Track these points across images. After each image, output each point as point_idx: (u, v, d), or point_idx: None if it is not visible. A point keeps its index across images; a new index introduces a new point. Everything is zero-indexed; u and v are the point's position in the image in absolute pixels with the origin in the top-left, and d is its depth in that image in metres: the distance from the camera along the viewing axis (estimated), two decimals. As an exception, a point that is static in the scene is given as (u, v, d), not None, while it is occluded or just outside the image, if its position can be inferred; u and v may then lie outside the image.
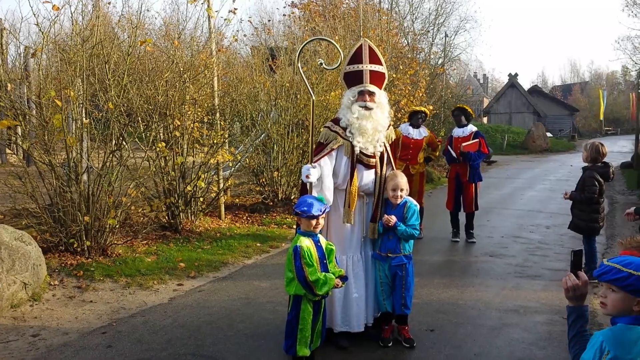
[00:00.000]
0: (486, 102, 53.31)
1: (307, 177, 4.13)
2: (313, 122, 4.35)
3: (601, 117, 42.48)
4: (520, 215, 10.87)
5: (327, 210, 3.76)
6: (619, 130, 58.75)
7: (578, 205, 6.30)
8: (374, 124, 4.37)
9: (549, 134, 38.11)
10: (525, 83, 58.43)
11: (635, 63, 29.84)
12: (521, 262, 7.18)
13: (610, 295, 2.19)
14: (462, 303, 5.54)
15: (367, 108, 4.35)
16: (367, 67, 4.39)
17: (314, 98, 4.34)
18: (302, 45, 4.64)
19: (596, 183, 6.09)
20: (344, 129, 4.41)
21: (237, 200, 10.66)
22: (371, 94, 4.39)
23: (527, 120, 43.99)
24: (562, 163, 24.48)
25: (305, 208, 3.62)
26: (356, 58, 4.42)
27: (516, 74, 46.93)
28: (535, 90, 53.74)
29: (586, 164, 6.32)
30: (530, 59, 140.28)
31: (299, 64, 4.51)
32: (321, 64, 4.50)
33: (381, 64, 4.49)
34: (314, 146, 4.53)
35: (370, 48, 4.45)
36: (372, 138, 4.38)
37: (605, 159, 6.40)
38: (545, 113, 46.75)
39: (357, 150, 4.35)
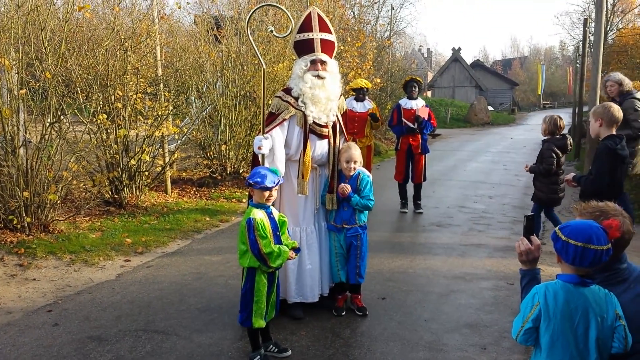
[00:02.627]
0: (430, 76, 54.06)
1: (259, 148, 4.07)
2: (264, 92, 4.27)
3: (539, 92, 43.85)
4: (465, 186, 11.18)
5: (280, 182, 3.72)
6: (556, 104, 61.01)
7: (539, 177, 6.46)
8: (327, 93, 4.35)
9: (490, 108, 39.15)
10: (468, 58, 59.54)
11: (573, 38, 30.93)
12: (466, 231, 7.40)
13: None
14: (412, 271, 5.67)
15: (319, 77, 4.31)
16: (317, 35, 4.33)
17: (264, 67, 4.25)
18: (251, 12, 4.51)
19: (553, 155, 6.24)
20: (296, 98, 4.35)
21: (184, 174, 10.43)
22: (323, 62, 4.35)
23: (469, 94, 44.96)
24: (502, 136, 25.26)
25: (258, 179, 3.56)
26: (306, 26, 4.35)
27: (459, 48, 47.73)
28: (477, 65, 54.89)
29: (545, 137, 6.45)
30: (472, 34, 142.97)
31: (249, 32, 4.39)
32: (271, 31, 4.40)
33: (331, 33, 4.45)
34: (265, 117, 4.46)
35: (319, 16, 4.38)
36: (325, 107, 4.36)
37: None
38: (487, 87, 47.92)
39: (310, 120, 4.32)
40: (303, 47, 4.38)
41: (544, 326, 2.22)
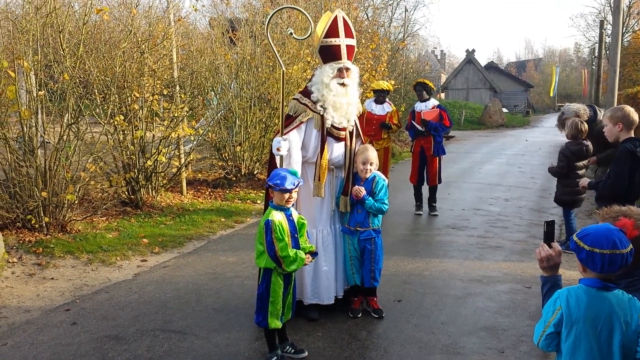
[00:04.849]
0: (444, 78, 53.80)
1: (278, 150, 4.07)
2: (283, 94, 4.27)
3: (551, 94, 43.39)
4: (480, 188, 11.11)
5: (300, 184, 3.72)
6: (571, 106, 60.27)
7: (559, 179, 6.52)
8: (349, 99, 4.37)
9: (504, 110, 38.89)
10: (482, 59, 59.11)
11: (589, 40, 30.65)
12: (482, 234, 7.35)
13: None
14: (428, 274, 5.64)
15: (344, 85, 4.33)
16: (343, 41, 4.30)
17: (284, 69, 4.24)
18: (271, 14, 4.52)
19: (564, 159, 6.28)
20: (314, 102, 4.35)
21: (199, 175, 10.49)
22: (348, 69, 4.35)
23: (483, 96, 44.67)
24: (517, 138, 25.07)
25: (278, 181, 3.56)
26: (332, 32, 4.28)
27: (473, 50, 47.46)
28: (491, 67, 54.55)
29: (568, 140, 6.47)
30: (486, 36, 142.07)
31: (268, 34, 4.40)
32: (291, 33, 4.40)
33: (353, 37, 4.44)
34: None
35: (344, 20, 4.33)
36: (346, 112, 4.38)
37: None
38: (501, 89, 47.58)
39: (328, 123, 4.32)
40: (328, 53, 4.34)
41: (565, 331, 2.19)
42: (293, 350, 3.81)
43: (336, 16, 4.30)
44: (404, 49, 22.36)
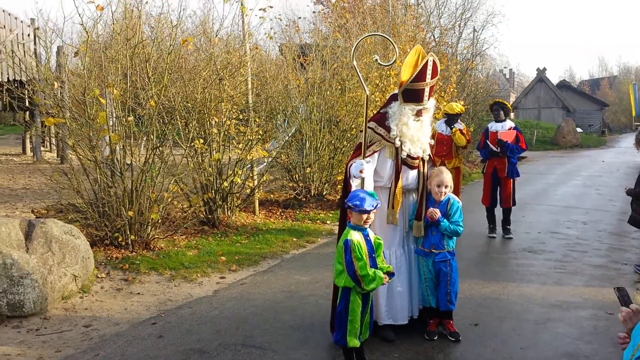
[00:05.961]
0: (513, 97, 52.49)
1: (361, 172, 4.16)
2: (366, 117, 4.37)
3: (634, 113, 41.52)
4: (556, 211, 10.76)
5: (379, 206, 3.80)
6: (651, 125, 57.33)
7: (636, 200, 6.30)
8: (424, 131, 4.46)
9: (579, 130, 37.47)
10: (553, 78, 57.35)
11: (669, 56, 29.13)
12: (561, 258, 7.12)
13: None
14: (505, 298, 5.55)
15: (420, 120, 4.42)
16: (428, 83, 4.31)
17: (368, 93, 4.34)
18: (357, 42, 4.69)
19: None
20: (388, 130, 4.42)
21: (270, 196, 10.77)
22: (426, 108, 4.44)
23: (556, 115, 43.24)
24: (593, 159, 24.06)
25: (357, 202, 3.67)
26: (421, 76, 4.26)
27: (544, 69, 46.17)
28: (563, 85, 52.72)
29: None
30: (556, 54, 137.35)
31: (354, 62, 4.54)
32: (376, 59, 4.52)
33: (437, 74, 4.42)
34: (356, 146, 4.57)
35: (434, 63, 4.29)
36: (422, 143, 4.45)
37: None
38: (575, 108, 45.90)
39: (403, 154, 4.39)
40: (412, 95, 4.35)
41: None
42: (371, 370, 3.86)
43: (427, 61, 4.22)
44: (473, 69, 22.11)
